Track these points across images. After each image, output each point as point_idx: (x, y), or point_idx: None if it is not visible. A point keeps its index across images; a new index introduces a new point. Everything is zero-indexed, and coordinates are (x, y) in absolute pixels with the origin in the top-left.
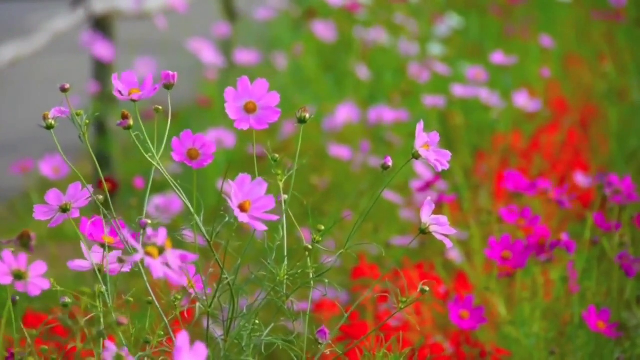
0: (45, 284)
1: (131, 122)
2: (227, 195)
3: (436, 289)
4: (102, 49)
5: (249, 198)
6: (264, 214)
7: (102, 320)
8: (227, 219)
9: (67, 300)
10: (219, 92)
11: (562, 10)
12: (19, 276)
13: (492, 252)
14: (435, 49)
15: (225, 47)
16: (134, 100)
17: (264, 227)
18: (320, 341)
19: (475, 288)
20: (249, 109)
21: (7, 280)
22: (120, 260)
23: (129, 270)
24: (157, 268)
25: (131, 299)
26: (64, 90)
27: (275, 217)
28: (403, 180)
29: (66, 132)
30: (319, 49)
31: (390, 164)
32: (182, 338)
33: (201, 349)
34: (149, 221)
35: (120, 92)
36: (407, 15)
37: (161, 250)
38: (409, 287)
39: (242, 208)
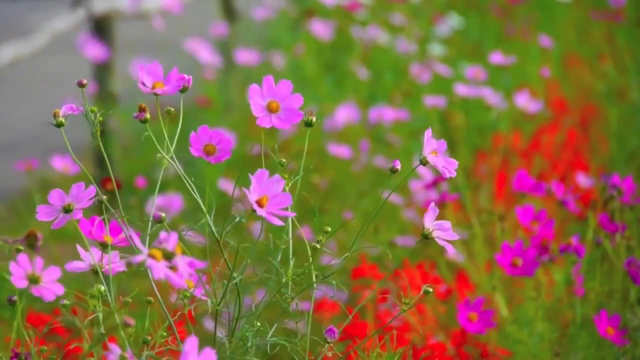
0: (60, 290)
1: (148, 115)
2: (230, 196)
3: (437, 288)
4: (96, 52)
5: (267, 194)
6: (281, 210)
7: (101, 321)
8: (237, 219)
9: (66, 302)
10: (218, 92)
11: (562, 10)
12: (33, 280)
13: (503, 258)
14: (436, 49)
15: (224, 47)
16: (156, 95)
17: (280, 223)
18: (329, 340)
19: (476, 287)
20: (271, 109)
21: (23, 284)
22: (129, 265)
23: (127, 270)
24: (159, 270)
25: (129, 300)
26: (81, 85)
27: (291, 214)
28: (403, 181)
29: (67, 132)
30: (318, 49)
31: (398, 167)
32: (191, 343)
33: (210, 354)
34: (163, 215)
35: (144, 84)
36: (408, 16)
37: (171, 256)
38: (410, 286)
39: (259, 203)
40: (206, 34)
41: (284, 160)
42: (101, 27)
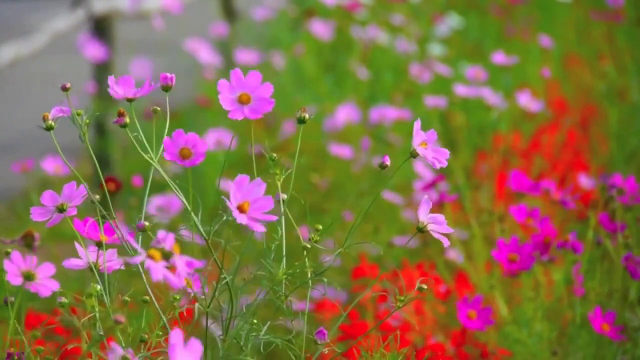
0: (55, 285)
1: (127, 119)
2: (227, 196)
3: (436, 288)
4: (96, 52)
5: (248, 199)
6: (263, 214)
7: (98, 320)
8: (224, 217)
9: (64, 300)
10: (217, 92)
11: (562, 10)
12: (28, 277)
13: (499, 254)
14: (436, 49)
15: (224, 47)
16: (129, 100)
17: (262, 229)
18: (319, 342)
19: (476, 287)
20: (243, 101)
21: (18, 280)
22: (125, 263)
23: (124, 268)
24: (157, 271)
25: (128, 299)
26: (65, 89)
27: (274, 218)
28: (404, 181)
29: (67, 132)
30: (318, 49)
31: (388, 163)
32: (176, 335)
33: (196, 345)
34: (147, 223)
35: (116, 91)
36: (407, 16)
37: (169, 256)
38: (409, 286)
39: (240, 209)
40: (206, 34)
41: (274, 155)
42: (101, 27)
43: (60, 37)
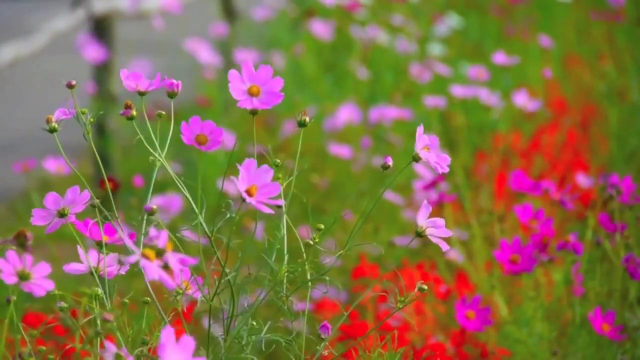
0: (50, 285)
1: (134, 112)
2: (228, 195)
3: (437, 288)
4: (95, 54)
5: (256, 183)
6: (270, 199)
7: (98, 321)
8: (227, 215)
9: (63, 304)
10: (217, 92)
11: (562, 10)
12: (23, 277)
13: (501, 255)
14: (436, 49)
15: (224, 47)
16: (141, 93)
17: (270, 211)
18: (323, 336)
19: (476, 287)
20: (252, 93)
21: (12, 280)
22: (120, 262)
23: (124, 273)
24: (152, 270)
25: (127, 301)
26: (70, 86)
27: (281, 202)
28: (404, 181)
29: (66, 132)
30: (318, 49)
31: (390, 163)
32: (167, 334)
33: (188, 342)
34: (154, 207)
35: (129, 84)
36: (407, 16)
37: (162, 253)
38: (409, 286)
39: (249, 193)
40: (206, 34)
41: (278, 160)
42: (101, 27)
43: (60, 37)
